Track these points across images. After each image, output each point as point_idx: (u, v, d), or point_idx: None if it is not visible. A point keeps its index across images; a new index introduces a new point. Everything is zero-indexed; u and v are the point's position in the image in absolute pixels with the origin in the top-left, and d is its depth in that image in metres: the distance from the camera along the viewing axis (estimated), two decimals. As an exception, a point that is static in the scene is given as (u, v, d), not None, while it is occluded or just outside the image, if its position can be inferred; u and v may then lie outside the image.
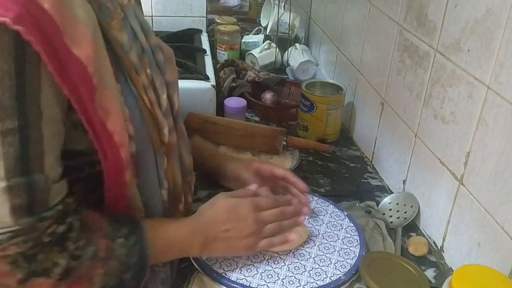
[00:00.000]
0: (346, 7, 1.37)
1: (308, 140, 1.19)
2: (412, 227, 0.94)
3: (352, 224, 0.90)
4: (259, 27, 1.87)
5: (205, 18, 1.77)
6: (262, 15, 1.91)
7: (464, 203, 0.80)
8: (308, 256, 0.81)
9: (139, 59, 0.62)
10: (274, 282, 0.75)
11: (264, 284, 0.75)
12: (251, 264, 0.78)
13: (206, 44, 1.56)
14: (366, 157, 1.20)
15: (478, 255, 0.76)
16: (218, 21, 1.71)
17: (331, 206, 0.95)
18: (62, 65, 0.50)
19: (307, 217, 0.90)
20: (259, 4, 2.09)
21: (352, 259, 0.81)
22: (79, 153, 0.59)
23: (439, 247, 0.88)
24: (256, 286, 0.74)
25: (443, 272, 0.84)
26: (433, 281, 0.82)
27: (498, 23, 0.69)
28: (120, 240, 0.60)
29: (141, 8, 0.70)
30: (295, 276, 0.77)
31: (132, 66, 0.60)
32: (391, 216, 0.95)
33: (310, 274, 0.77)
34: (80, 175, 0.60)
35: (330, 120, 1.22)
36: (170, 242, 0.68)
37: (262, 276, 0.76)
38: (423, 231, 0.93)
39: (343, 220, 0.91)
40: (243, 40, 1.74)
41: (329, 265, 0.79)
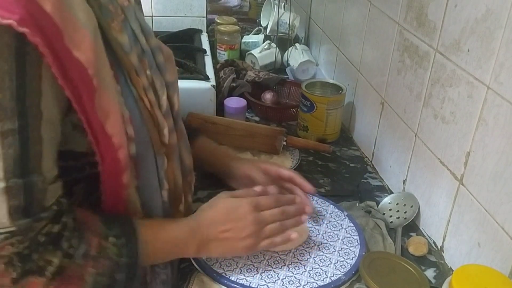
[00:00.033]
0: (346, 7, 1.37)
1: (308, 140, 1.19)
2: (412, 227, 0.94)
3: (352, 224, 0.90)
4: (259, 27, 1.87)
5: (205, 18, 1.77)
6: (262, 15, 1.91)
7: (464, 203, 0.80)
8: (308, 256, 0.81)
9: (139, 60, 0.62)
10: (274, 282, 0.75)
11: (264, 284, 0.75)
12: (251, 264, 0.78)
13: (206, 44, 1.56)
14: (366, 157, 1.20)
15: (478, 255, 0.76)
16: (218, 21, 1.71)
17: (331, 206, 0.95)
18: (63, 66, 0.50)
19: (308, 217, 0.89)
20: (259, 4, 2.09)
21: (352, 259, 0.81)
22: (80, 154, 0.58)
23: (439, 247, 0.88)
24: (256, 286, 0.74)
25: (443, 272, 0.84)
26: (433, 281, 0.82)
27: (498, 23, 0.69)
28: (112, 239, 0.59)
29: (141, 9, 0.70)
30: (295, 276, 0.77)
31: (132, 67, 0.60)
32: (391, 216, 0.95)
33: (310, 274, 0.77)
34: (81, 175, 0.60)
35: (330, 120, 1.22)
36: (168, 242, 0.68)
37: (262, 276, 0.76)
38: (423, 231, 0.93)
39: (343, 220, 0.91)
40: (243, 40, 1.74)
41: (329, 265, 0.80)
